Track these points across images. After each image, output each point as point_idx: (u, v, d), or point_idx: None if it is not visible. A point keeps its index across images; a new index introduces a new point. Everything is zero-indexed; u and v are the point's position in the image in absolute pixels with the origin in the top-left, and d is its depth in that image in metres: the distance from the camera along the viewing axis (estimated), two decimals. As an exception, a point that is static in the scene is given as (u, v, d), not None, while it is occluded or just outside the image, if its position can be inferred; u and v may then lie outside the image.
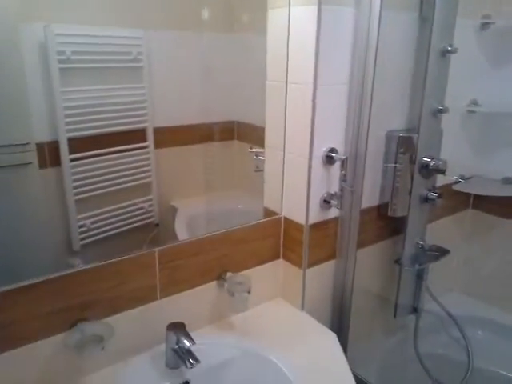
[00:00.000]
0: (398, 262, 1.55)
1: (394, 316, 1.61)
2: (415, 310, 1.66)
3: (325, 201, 1.29)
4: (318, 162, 1.24)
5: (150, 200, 1.22)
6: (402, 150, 1.43)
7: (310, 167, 1.22)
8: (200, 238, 1.20)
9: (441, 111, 1.45)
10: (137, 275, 1.10)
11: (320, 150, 1.24)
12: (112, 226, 1.15)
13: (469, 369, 1.65)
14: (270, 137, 1.33)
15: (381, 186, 1.47)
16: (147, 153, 1.19)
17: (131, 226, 1.19)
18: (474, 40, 1.64)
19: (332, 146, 1.25)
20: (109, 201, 1.14)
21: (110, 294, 1.06)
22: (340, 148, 1.27)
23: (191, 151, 1.27)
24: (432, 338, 1.75)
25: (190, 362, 1.00)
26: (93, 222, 1.12)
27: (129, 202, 1.17)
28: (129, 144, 1.15)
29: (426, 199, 1.52)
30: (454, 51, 1.39)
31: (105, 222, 1.14)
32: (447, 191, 1.69)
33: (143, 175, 1.20)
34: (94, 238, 1.13)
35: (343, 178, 1.27)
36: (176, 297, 1.18)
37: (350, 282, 1.37)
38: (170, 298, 1.17)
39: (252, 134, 1.37)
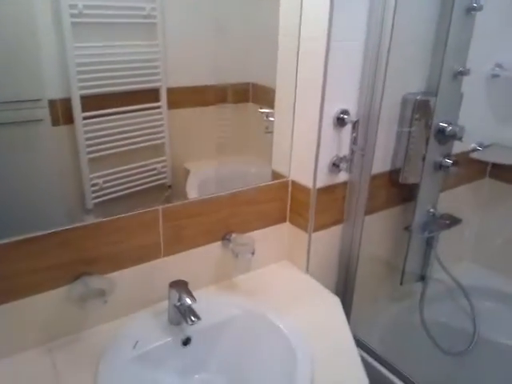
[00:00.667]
0: (407, 228, 1.52)
1: (401, 283, 1.60)
2: (423, 277, 1.65)
3: (334, 164, 1.26)
4: (328, 123, 1.20)
5: (163, 161, 1.21)
6: (417, 114, 1.37)
7: (319, 129, 1.18)
8: (206, 198, 1.19)
9: (462, 73, 1.37)
10: (140, 232, 1.10)
11: (331, 111, 1.19)
12: (124, 186, 1.15)
13: (474, 338, 1.65)
14: (280, 96, 1.28)
15: (393, 151, 1.43)
16: (160, 113, 1.16)
17: (144, 186, 1.18)
18: (503, -3, 1.53)
19: (344, 107, 1.21)
20: (121, 161, 1.13)
21: (114, 250, 1.07)
22: (352, 110, 1.22)
23: (205, 113, 1.25)
24: (438, 306, 1.74)
25: (191, 319, 1.01)
26: (105, 182, 1.11)
27: (141, 163, 1.16)
28: (142, 103, 1.12)
29: (440, 166, 1.47)
30: (479, 8, 1.30)
31: (117, 182, 1.13)
32: (464, 159, 1.63)
33: (156, 136, 1.18)
34: (106, 197, 1.12)
35: (354, 141, 1.23)
36: (180, 255, 1.18)
37: (357, 248, 1.36)
38: (173, 256, 1.17)
39: (268, 97, 1.32)
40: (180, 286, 1.08)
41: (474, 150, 1.70)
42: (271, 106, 1.32)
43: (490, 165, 1.80)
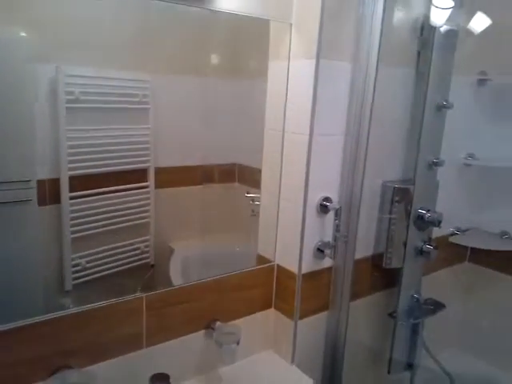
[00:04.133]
0: (392, 315, 1.51)
1: (389, 372, 1.55)
2: (410, 366, 1.61)
3: (318, 249, 1.27)
4: (312, 210, 1.23)
5: (147, 240, 1.21)
6: (397, 200, 1.42)
7: (304, 215, 1.22)
8: (190, 285, 1.18)
9: (436, 164, 1.46)
10: (123, 322, 1.06)
11: (314, 199, 1.23)
12: (107, 266, 1.14)
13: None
14: (266, 183, 1.33)
15: (375, 237, 1.46)
16: (147, 193, 1.19)
17: (126, 266, 1.17)
18: (471, 96, 1.67)
19: (326, 194, 1.25)
20: (105, 240, 1.13)
21: (95, 341, 1.03)
22: (334, 197, 1.27)
23: (192, 192, 1.28)
24: (428, 397, 1.68)
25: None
26: (88, 262, 1.11)
27: (125, 242, 1.16)
28: (130, 183, 1.15)
29: (421, 251, 1.50)
30: (449, 106, 1.41)
31: (100, 262, 1.12)
32: (443, 243, 1.68)
33: (142, 215, 1.19)
34: (87, 278, 1.11)
35: (337, 228, 1.26)
36: (162, 346, 1.14)
37: (343, 336, 1.33)
38: (155, 346, 1.13)
39: (253, 177, 1.37)
40: (161, 380, 1.03)
41: (453, 234, 1.75)
42: (256, 185, 1.36)
43: (469, 249, 1.85)
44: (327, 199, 1.25)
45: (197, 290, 1.19)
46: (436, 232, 1.57)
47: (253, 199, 1.39)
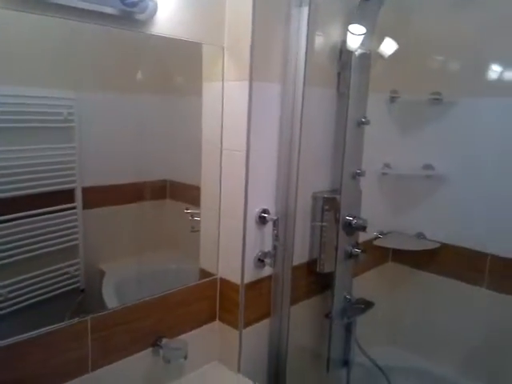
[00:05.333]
0: (328, 316, 1.61)
1: (327, 370, 1.65)
2: (346, 363, 1.72)
3: (259, 260, 1.34)
4: (251, 222, 1.30)
5: (76, 264, 1.16)
6: (327, 209, 1.54)
7: (244, 228, 1.28)
8: (135, 304, 1.18)
9: (359, 174, 1.60)
10: (67, 347, 1.04)
11: (253, 211, 1.30)
12: (32, 294, 1.07)
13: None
14: (205, 198, 1.37)
15: (309, 244, 1.56)
16: (74, 214, 1.14)
17: (54, 293, 1.11)
18: (385, 111, 1.86)
19: (264, 207, 1.33)
20: (30, 266, 1.06)
21: (37, 371, 0.99)
22: (272, 209, 1.35)
23: (123, 211, 1.25)
24: (363, 391, 1.80)
25: None
26: (10, 291, 1.03)
27: (52, 267, 1.11)
28: (55, 205, 1.10)
29: (350, 255, 1.63)
30: (367, 122, 1.57)
31: (24, 291, 1.06)
32: (369, 246, 1.83)
33: (69, 238, 1.14)
34: (10, 309, 1.04)
35: (275, 238, 1.33)
36: (109, 367, 1.13)
37: (285, 339, 1.40)
38: (102, 369, 1.11)
39: (185, 193, 1.40)
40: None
41: (376, 237, 1.91)
42: (188, 201, 1.38)
43: (391, 250, 2.03)
44: (265, 211, 1.32)
45: (141, 308, 1.19)
46: (362, 237, 1.71)
47: (192, 215, 1.42)
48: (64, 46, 1.08)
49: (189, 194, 1.39)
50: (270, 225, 1.35)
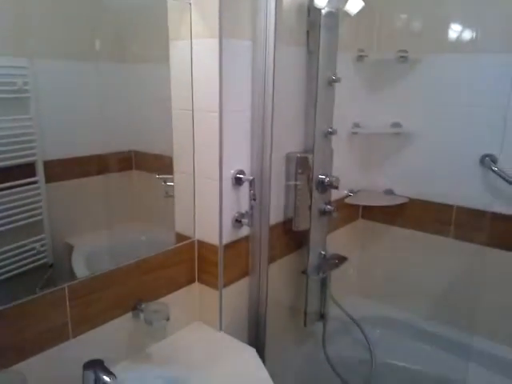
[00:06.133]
0: (304, 272, 1.66)
1: (304, 324, 1.71)
2: (322, 316, 1.79)
3: (236, 220, 1.35)
4: (227, 183, 1.30)
5: (42, 239, 1.12)
6: (300, 169, 1.56)
7: (220, 189, 1.28)
8: (112, 270, 1.17)
9: (330, 133, 1.62)
10: (45, 315, 1.03)
11: (229, 173, 1.30)
12: None
13: (372, 365, 1.82)
14: (179, 163, 1.35)
15: (284, 203, 1.58)
16: (37, 188, 1.09)
17: (22, 269, 1.08)
18: (353, 70, 1.87)
19: (240, 168, 1.32)
20: None
21: (17, 339, 0.98)
22: (247, 170, 1.35)
23: (87, 184, 1.21)
24: (339, 342, 1.89)
25: (114, 397, 0.96)
26: None
27: (17, 244, 1.07)
28: (16, 180, 1.05)
29: (323, 212, 1.67)
30: (337, 80, 1.57)
31: None
32: (340, 205, 1.87)
33: (33, 213, 1.09)
34: None
35: (252, 197, 1.34)
36: (90, 333, 1.13)
37: (264, 297, 1.44)
38: (83, 335, 1.11)
39: (151, 163, 1.37)
40: (95, 365, 1.02)
41: (347, 195, 1.96)
42: (155, 170, 1.36)
43: (361, 207, 2.09)
44: (241, 172, 1.32)
45: (119, 274, 1.19)
46: (334, 195, 1.75)
47: (165, 180, 1.40)
48: (15, 8, 1.01)
49: (156, 163, 1.36)
50: (245, 186, 1.35)
